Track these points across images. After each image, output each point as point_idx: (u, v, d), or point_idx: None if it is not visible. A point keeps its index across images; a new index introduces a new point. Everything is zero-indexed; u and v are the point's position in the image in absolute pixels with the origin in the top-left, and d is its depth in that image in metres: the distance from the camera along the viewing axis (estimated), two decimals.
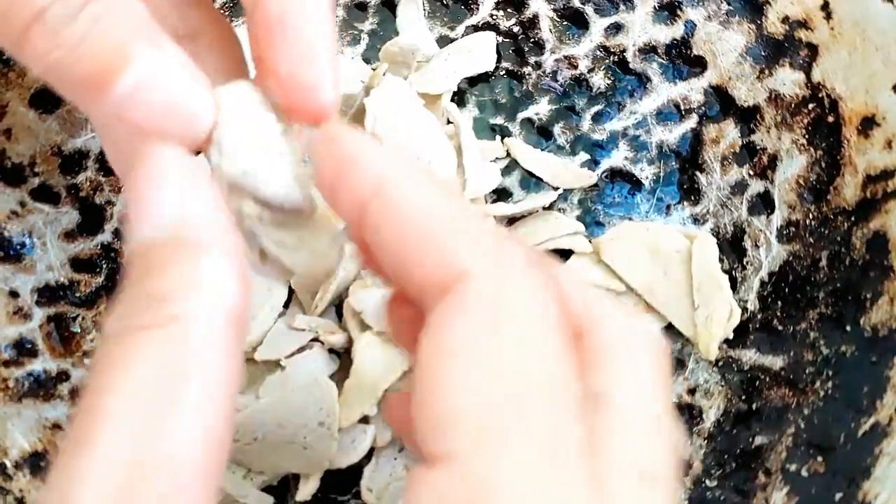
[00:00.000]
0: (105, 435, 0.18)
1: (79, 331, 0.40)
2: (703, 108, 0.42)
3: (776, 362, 0.38)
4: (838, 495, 0.34)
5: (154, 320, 0.19)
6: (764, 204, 0.41)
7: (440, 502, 0.17)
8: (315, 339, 0.39)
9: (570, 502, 0.17)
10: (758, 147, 0.41)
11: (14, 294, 0.39)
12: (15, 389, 0.38)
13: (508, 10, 0.44)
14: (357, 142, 0.22)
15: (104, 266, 0.41)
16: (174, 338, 0.19)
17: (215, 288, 0.20)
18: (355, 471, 0.38)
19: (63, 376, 0.39)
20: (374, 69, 0.43)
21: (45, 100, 0.40)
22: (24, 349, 0.39)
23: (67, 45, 0.21)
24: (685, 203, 0.42)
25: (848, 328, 0.37)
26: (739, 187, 0.41)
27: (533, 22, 0.44)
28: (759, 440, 0.37)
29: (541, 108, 0.43)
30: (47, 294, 0.40)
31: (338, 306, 0.40)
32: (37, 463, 0.37)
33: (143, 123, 0.22)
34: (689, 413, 0.39)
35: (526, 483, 0.17)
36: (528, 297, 0.19)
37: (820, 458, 0.35)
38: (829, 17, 0.39)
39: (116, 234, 0.41)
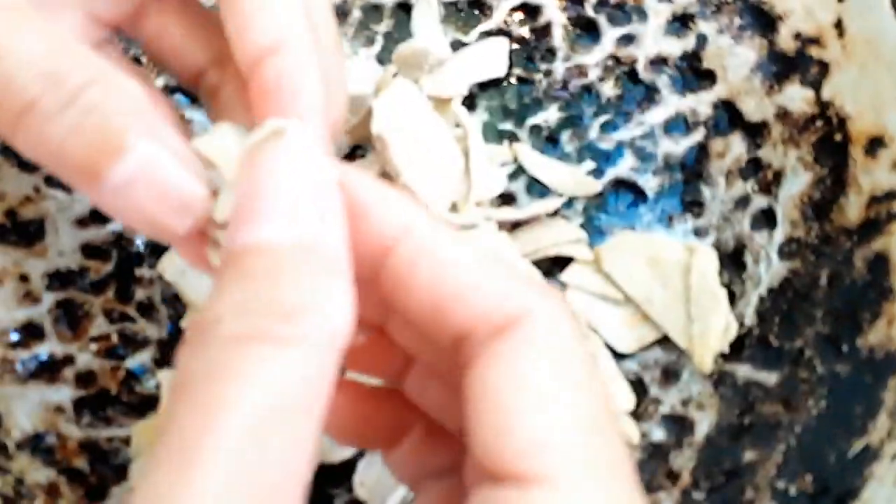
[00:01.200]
0: (225, 451, 0.17)
1: (86, 317, 0.41)
2: (710, 121, 0.42)
3: (771, 378, 0.38)
4: None
5: (283, 333, 0.18)
6: (766, 220, 0.40)
7: None
8: None
9: None
10: (763, 162, 0.41)
11: (24, 278, 0.40)
12: (21, 371, 0.39)
13: (522, 17, 0.44)
14: (375, 185, 0.22)
15: (115, 254, 0.41)
16: (298, 360, 0.18)
17: (342, 315, 0.19)
18: (348, 465, 0.38)
19: (69, 360, 0.40)
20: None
21: None
22: (31, 332, 0.40)
23: (60, 135, 0.21)
24: (688, 215, 0.42)
25: (844, 348, 0.36)
26: (743, 202, 0.41)
27: (546, 30, 0.44)
28: (749, 455, 0.37)
29: (549, 116, 0.43)
30: (57, 279, 0.41)
31: None
32: (37, 444, 0.38)
33: (133, 217, 0.22)
34: (680, 425, 0.39)
35: None
36: (578, 331, 0.20)
37: (809, 478, 0.35)
38: (841, 34, 0.38)
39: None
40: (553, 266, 0.41)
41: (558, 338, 0.20)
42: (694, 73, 0.42)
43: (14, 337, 0.39)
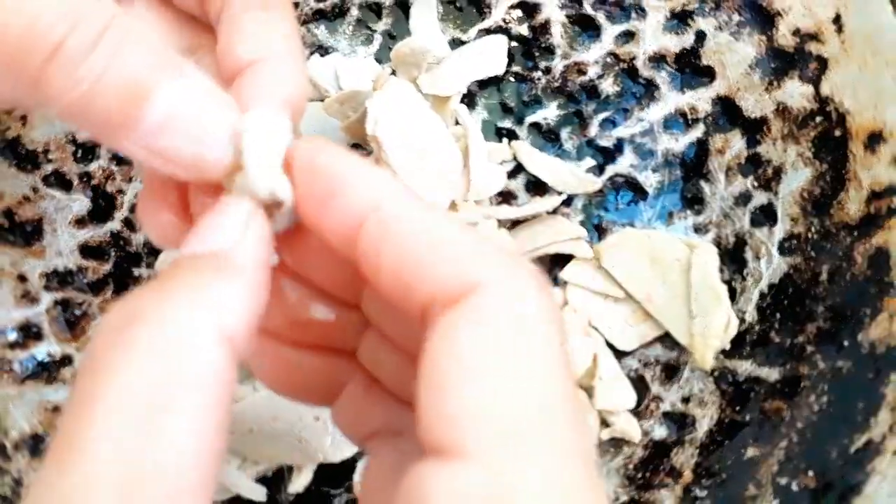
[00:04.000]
0: (99, 438, 0.17)
1: (84, 317, 0.41)
2: (710, 117, 0.42)
3: (772, 374, 0.38)
4: None
5: (154, 315, 0.19)
6: (767, 216, 0.41)
7: (457, 495, 0.18)
8: None
9: None
10: (763, 159, 0.41)
11: (22, 278, 0.40)
12: (19, 372, 0.39)
13: (521, 14, 0.45)
14: (348, 160, 0.22)
15: (113, 254, 0.42)
16: (173, 342, 0.19)
17: (224, 313, 0.20)
18: (349, 465, 0.39)
19: (66, 361, 0.40)
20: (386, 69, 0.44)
21: None
22: (29, 332, 0.40)
23: (89, 79, 0.21)
24: (688, 212, 0.42)
25: (845, 343, 0.37)
26: (743, 198, 0.41)
27: (544, 27, 0.44)
28: (750, 452, 0.37)
29: (549, 113, 0.44)
30: (55, 279, 0.41)
31: None
32: (36, 445, 0.38)
33: (174, 155, 0.22)
34: (682, 422, 0.39)
35: (552, 490, 0.18)
36: (543, 306, 0.20)
37: (811, 473, 0.35)
38: (840, 30, 0.39)
39: (126, 222, 0.42)
40: (553, 264, 0.42)
41: (510, 311, 0.19)
42: (693, 69, 0.43)
43: (12, 337, 0.40)
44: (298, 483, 0.38)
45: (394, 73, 0.44)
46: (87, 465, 0.17)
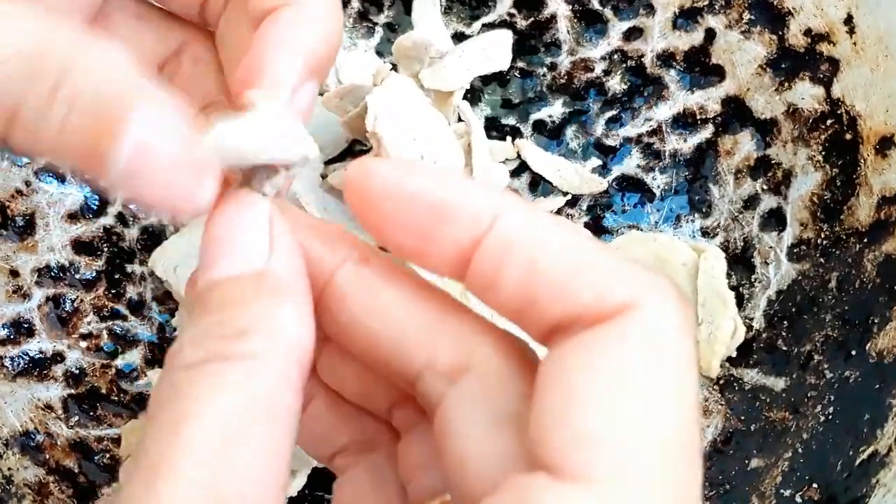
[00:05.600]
0: (188, 464, 0.18)
1: (76, 313, 0.41)
2: (719, 118, 0.43)
3: (778, 383, 0.39)
4: None
5: (235, 352, 0.20)
6: (776, 220, 0.41)
7: None
8: None
9: None
10: (773, 161, 0.41)
11: (14, 273, 0.41)
12: (10, 368, 0.40)
13: (526, 9, 0.45)
14: (444, 179, 0.21)
15: (105, 249, 0.42)
16: (255, 373, 0.20)
17: (294, 334, 0.21)
18: None
19: (58, 357, 0.40)
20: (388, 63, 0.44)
21: None
22: (21, 328, 0.40)
23: (48, 140, 0.21)
24: (696, 215, 0.42)
25: (853, 352, 0.37)
26: (752, 202, 0.41)
27: (550, 22, 0.44)
28: (755, 462, 0.38)
29: (554, 110, 0.44)
30: (48, 274, 0.41)
31: None
32: (27, 443, 0.39)
33: (152, 201, 0.22)
34: None
35: None
36: (686, 339, 0.19)
37: (815, 485, 0.36)
38: (852, 31, 0.39)
39: (119, 217, 0.43)
40: None
41: (657, 337, 0.19)
42: (702, 68, 0.43)
43: (3, 332, 0.40)
44: (292, 486, 0.39)
45: (395, 67, 0.44)
46: (176, 488, 0.18)
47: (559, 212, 0.43)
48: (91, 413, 0.40)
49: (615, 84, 0.44)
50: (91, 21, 0.29)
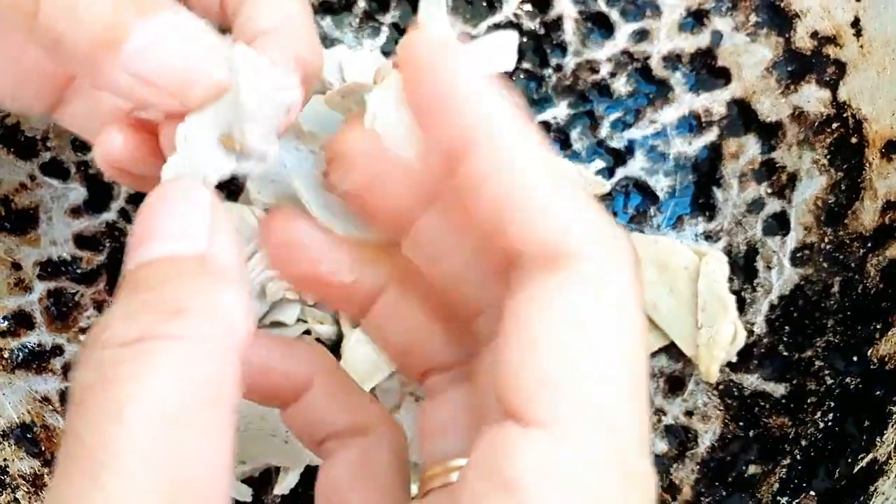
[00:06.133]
0: (135, 450, 0.18)
1: (77, 307, 0.42)
2: (724, 121, 0.43)
3: (778, 389, 0.38)
4: None
5: (172, 331, 0.19)
6: (779, 224, 0.41)
7: (545, 462, 0.18)
8: (306, 332, 0.40)
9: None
10: (777, 165, 0.41)
11: (17, 266, 0.42)
12: (9, 360, 0.40)
13: (532, 9, 0.45)
14: (464, 82, 0.22)
15: (107, 244, 0.43)
16: (194, 354, 0.19)
17: (235, 319, 0.20)
18: None
19: (57, 351, 0.41)
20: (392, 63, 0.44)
21: None
22: (21, 321, 0.41)
23: (72, 16, 0.22)
24: (699, 218, 0.42)
25: (854, 359, 0.37)
26: (756, 205, 0.41)
27: (557, 23, 0.45)
28: (752, 469, 0.37)
29: (559, 112, 0.44)
30: (49, 268, 0.42)
31: None
32: (23, 434, 0.39)
33: (162, 78, 0.23)
34: (683, 436, 0.39)
35: (630, 480, 0.19)
36: (634, 290, 0.20)
37: (812, 493, 0.35)
38: (859, 34, 0.39)
39: (122, 213, 0.43)
40: None
41: (607, 287, 0.20)
42: (708, 70, 0.43)
43: (4, 324, 0.41)
44: (284, 484, 0.39)
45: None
46: (124, 477, 0.17)
47: None
48: None
49: (621, 86, 0.44)
50: None
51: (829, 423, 0.36)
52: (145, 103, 0.24)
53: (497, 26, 0.45)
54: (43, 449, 0.39)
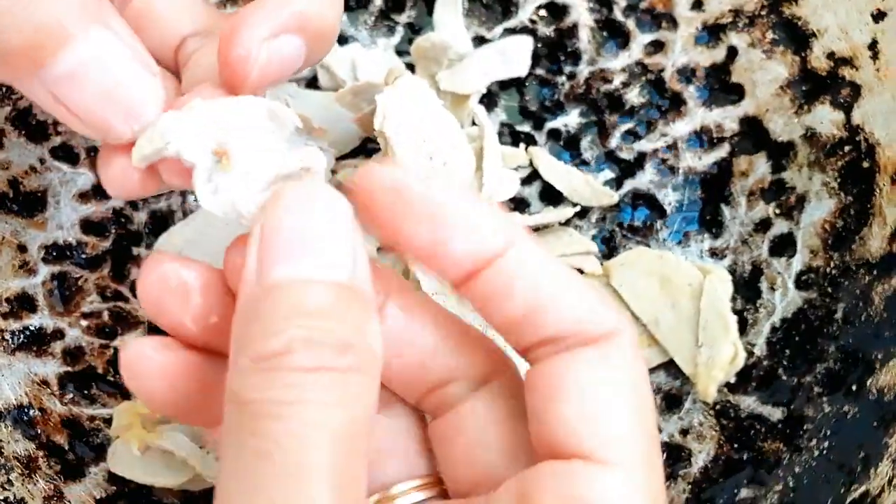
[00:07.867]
0: (325, 472, 0.19)
1: (80, 292, 0.42)
2: (735, 137, 0.42)
3: (775, 413, 0.38)
4: None
5: (345, 364, 0.21)
6: (786, 246, 0.40)
7: (622, 490, 0.22)
8: None
9: None
10: (787, 185, 0.41)
11: (22, 248, 0.42)
12: (10, 342, 0.41)
13: (548, 15, 0.45)
14: (465, 197, 0.24)
15: (113, 230, 0.43)
16: (359, 388, 0.21)
17: (380, 351, 0.22)
18: None
19: (58, 334, 0.42)
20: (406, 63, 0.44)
21: None
22: (24, 303, 0.42)
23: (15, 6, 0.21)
24: (705, 235, 0.42)
25: (853, 388, 0.37)
26: (763, 225, 0.41)
27: (572, 31, 0.44)
28: (744, 493, 0.37)
29: (570, 120, 0.44)
30: (54, 252, 0.43)
31: None
32: (20, 416, 0.40)
33: (81, 111, 0.22)
34: (677, 455, 0.39)
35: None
36: (643, 363, 0.25)
37: None
38: (875, 56, 0.38)
39: (129, 201, 0.44)
40: None
41: (634, 357, 0.24)
42: (722, 86, 0.43)
43: (6, 306, 0.41)
44: None
45: (412, 67, 0.45)
46: (325, 493, 0.19)
47: (568, 222, 0.43)
48: (85, 392, 0.41)
49: (633, 97, 0.44)
50: None
51: (825, 451, 0.36)
52: (70, 127, 0.23)
53: (512, 31, 0.45)
54: (39, 432, 0.40)
